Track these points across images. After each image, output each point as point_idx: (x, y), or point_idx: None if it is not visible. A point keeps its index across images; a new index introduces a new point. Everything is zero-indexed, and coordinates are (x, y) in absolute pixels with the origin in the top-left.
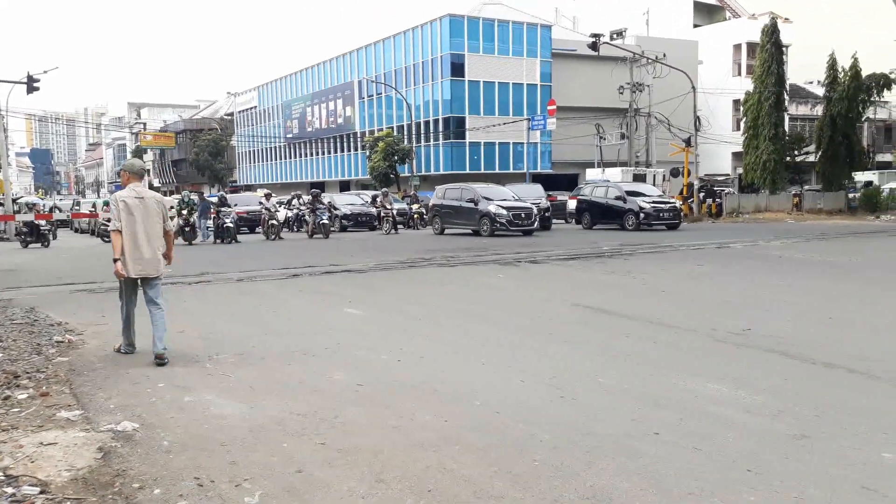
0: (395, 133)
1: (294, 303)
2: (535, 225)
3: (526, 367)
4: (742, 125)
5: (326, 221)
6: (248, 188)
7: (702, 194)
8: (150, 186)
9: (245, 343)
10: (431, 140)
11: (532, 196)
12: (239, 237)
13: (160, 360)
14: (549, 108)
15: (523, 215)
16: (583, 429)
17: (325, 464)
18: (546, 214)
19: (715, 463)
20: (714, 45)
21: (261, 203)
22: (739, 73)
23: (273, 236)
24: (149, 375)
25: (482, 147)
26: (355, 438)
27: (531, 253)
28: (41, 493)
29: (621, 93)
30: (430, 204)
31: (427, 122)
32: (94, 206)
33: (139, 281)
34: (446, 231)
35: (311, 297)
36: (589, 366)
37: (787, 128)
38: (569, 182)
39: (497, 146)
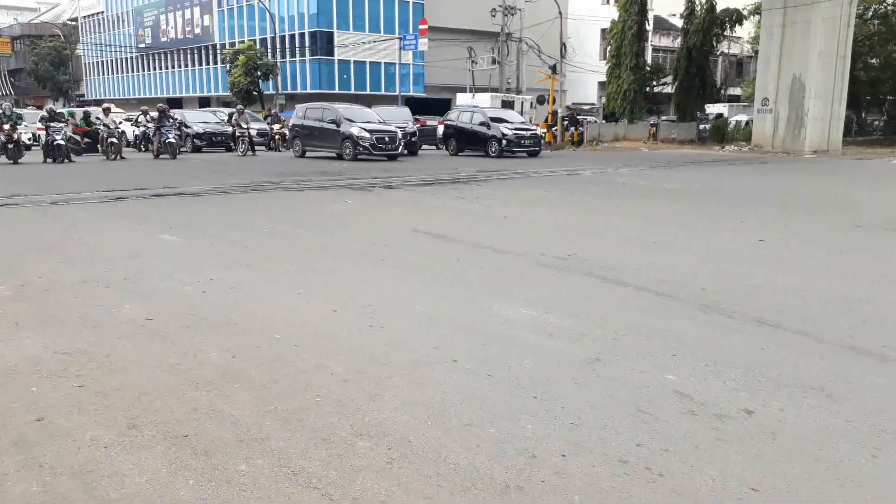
0: (257, 47)
1: (107, 228)
2: (400, 150)
3: (343, 296)
4: (607, 54)
5: (173, 140)
6: (98, 103)
7: (566, 122)
8: None
9: (33, 272)
10: (297, 56)
11: (399, 119)
12: (77, 157)
13: None
14: (420, 27)
15: (387, 139)
16: (381, 359)
17: (74, 409)
18: (413, 139)
19: (503, 390)
20: None
21: (98, 119)
22: (608, 2)
23: (113, 156)
24: None
25: (352, 65)
26: (121, 379)
27: (388, 178)
28: None
29: (493, 16)
30: (290, 124)
31: (293, 36)
32: None
33: None
34: (307, 154)
35: (128, 222)
36: (409, 293)
37: (649, 59)
38: (442, 107)
39: (368, 65)
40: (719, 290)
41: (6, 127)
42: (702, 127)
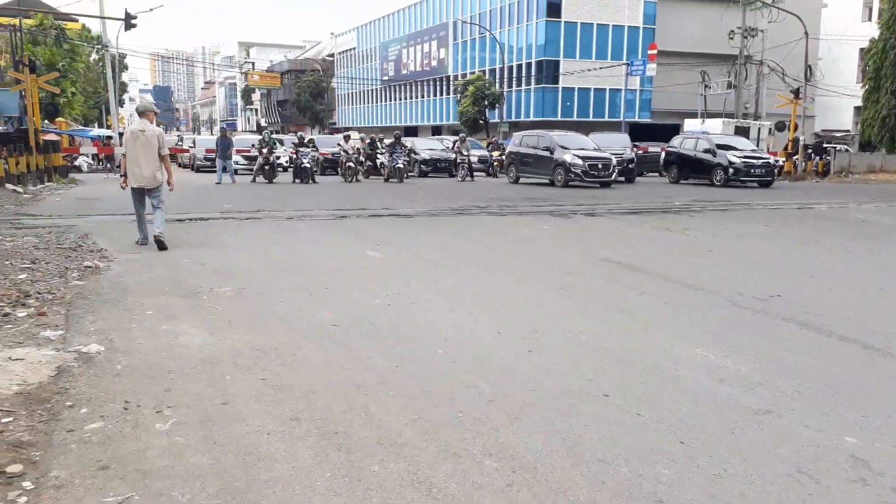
0: (486, 77)
1: (324, 242)
2: (613, 177)
3: (511, 319)
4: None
5: (401, 166)
6: (347, 130)
7: (809, 151)
8: (259, 126)
9: (252, 278)
10: (523, 84)
11: (616, 146)
12: (321, 178)
13: (160, 243)
14: (649, 52)
15: (600, 166)
16: (530, 384)
17: (253, 399)
18: (630, 166)
19: (648, 431)
20: None
21: (339, 145)
22: (870, 19)
23: (350, 178)
24: (143, 303)
25: (576, 93)
26: (298, 376)
27: (593, 206)
28: None
29: (731, 38)
30: (507, 151)
31: (520, 66)
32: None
33: (143, 191)
34: (521, 180)
35: (343, 238)
36: (579, 322)
37: None
38: (670, 133)
39: (592, 92)
40: None
41: (264, 151)
42: None
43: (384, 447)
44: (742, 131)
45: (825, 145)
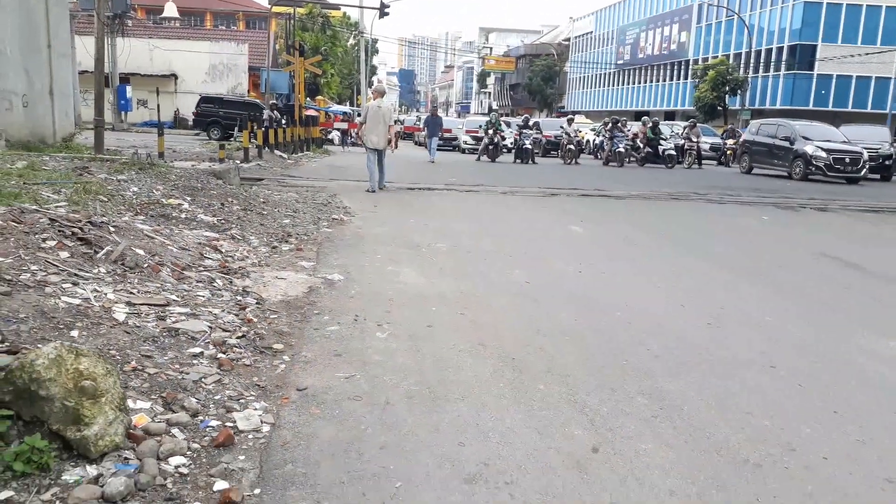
0: (730, 61)
1: (532, 216)
2: (863, 173)
3: (701, 298)
4: None
5: (622, 150)
6: (575, 113)
7: None
8: (490, 109)
9: (464, 239)
10: (771, 70)
11: (872, 139)
12: (542, 160)
13: (383, 188)
14: None
15: (847, 160)
16: (700, 351)
17: (451, 327)
18: (887, 163)
19: (804, 399)
20: None
21: (561, 127)
22: None
23: (570, 160)
24: (376, 249)
25: (833, 80)
26: (489, 316)
27: (828, 201)
28: (257, 303)
29: None
30: (741, 140)
31: (769, 50)
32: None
33: (376, 151)
34: (754, 171)
35: (550, 213)
36: (770, 307)
37: None
38: None
39: (853, 80)
40: None
41: (490, 132)
42: None
43: (551, 374)
44: None
45: None
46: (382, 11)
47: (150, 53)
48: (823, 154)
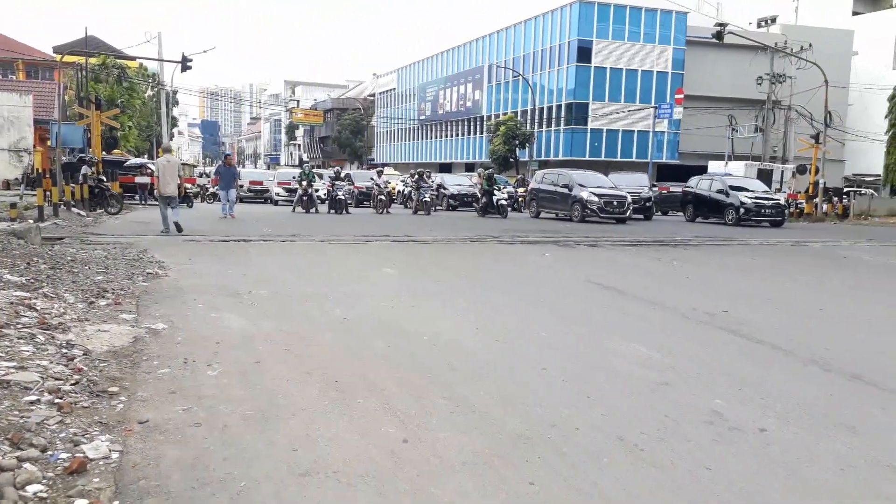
0: (518, 118)
1: (347, 260)
2: (628, 213)
3: (490, 322)
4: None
5: (428, 199)
6: (384, 165)
7: (830, 193)
8: (300, 160)
9: (284, 285)
10: (553, 125)
11: (634, 185)
12: (355, 210)
13: (177, 226)
14: (676, 96)
15: (615, 203)
16: (487, 362)
17: (278, 361)
18: (647, 204)
19: (563, 390)
20: (874, 35)
21: (372, 179)
22: None
23: (381, 210)
24: (196, 299)
25: (604, 134)
26: (313, 350)
27: (599, 238)
28: (84, 354)
29: (759, 84)
30: (529, 188)
31: (550, 108)
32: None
33: (167, 199)
34: (542, 215)
35: (365, 257)
36: (546, 325)
37: None
38: (696, 173)
39: (620, 134)
40: (842, 352)
41: (304, 184)
42: None
43: (369, 391)
44: (765, 174)
45: (844, 189)
46: (185, 66)
47: None
48: (596, 199)
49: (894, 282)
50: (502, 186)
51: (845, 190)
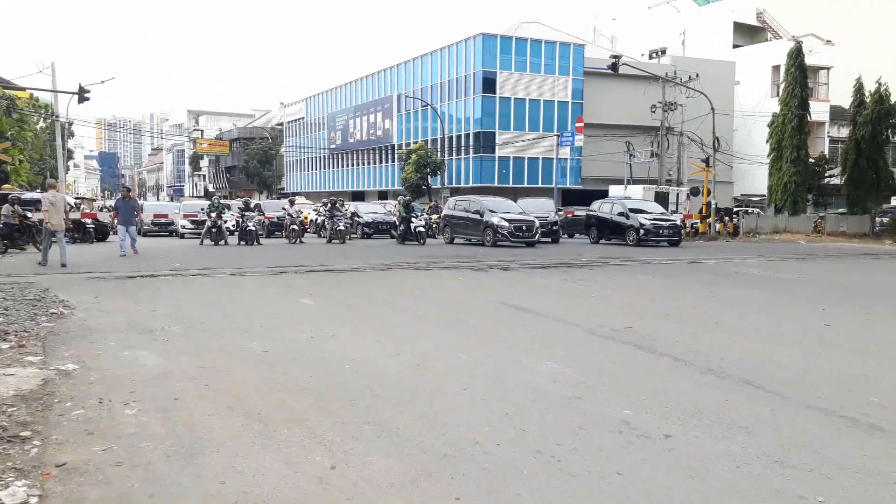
0: (428, 146)
1: (262, 293)
2: (537, 237)
3: (409, 347)
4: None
5: (342, 228)
6: (295, 195)
7: (721, 213)
8: (206, 192)
9: (198, 320)
10: (462, 153)
11: (542, 210)
12: (266, 240)
13: (63, 267)
14: (577, 125)
15: (524, 227)
16: (409, 386)
17: (198, 397)
18: (554, 228)
19: (485, 408)
20: (753, 66)
21: (283, 209)
22: (777, 94)
23: (294, 240)
24: (106, 338)
25: (511, 161)
26: (232, 383)
27: (510, 262)
28: None
29: (653, 111)
30: (442, 215)
31: (459, 136)
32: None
33: (54, 232)
34: (455, 241)
35: (280, 289)
36: (464, 348)
37: (826, 150)
38: (598, 197)
39: (526, 161)
40: (736, 360)
41: (213, 215)
42: (879, 220)
43: (293, 421)
44: (662, 196)
45: (734, 209)
46: (82, 96)
47: None
48: (506, 224)
49: (780, 294)
50: (419, 214)
51: (735, 209)
